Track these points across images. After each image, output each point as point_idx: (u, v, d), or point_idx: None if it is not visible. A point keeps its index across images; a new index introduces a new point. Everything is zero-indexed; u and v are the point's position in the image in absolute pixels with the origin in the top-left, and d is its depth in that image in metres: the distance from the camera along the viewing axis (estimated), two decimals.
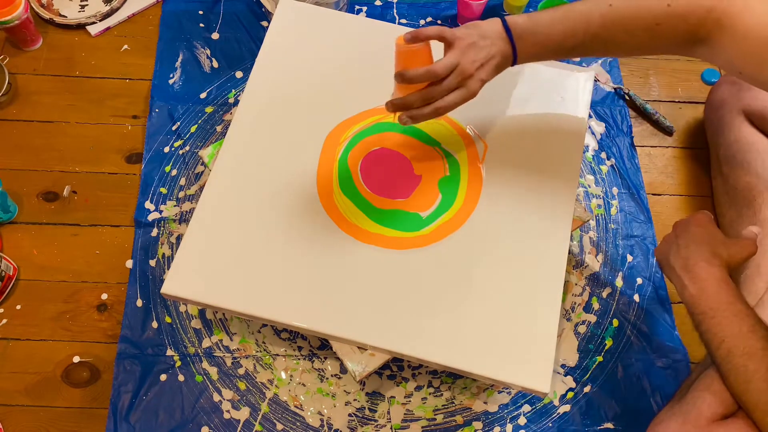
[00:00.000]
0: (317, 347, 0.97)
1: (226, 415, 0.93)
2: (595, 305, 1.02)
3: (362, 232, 0.81)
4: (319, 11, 0.98)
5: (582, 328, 1.00)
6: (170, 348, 0.96)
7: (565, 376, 0.97)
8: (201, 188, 1.07)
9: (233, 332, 0.98)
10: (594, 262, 1.05)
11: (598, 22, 0.70)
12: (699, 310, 0.72)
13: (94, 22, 1.21)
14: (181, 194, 1.08)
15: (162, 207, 1.06)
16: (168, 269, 0.93)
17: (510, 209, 0.83)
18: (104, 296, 1.00)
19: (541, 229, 0.82)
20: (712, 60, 0.71)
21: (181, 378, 0.95)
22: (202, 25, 1.23)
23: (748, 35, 0.64)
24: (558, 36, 0.71)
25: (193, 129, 1.13)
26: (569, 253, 0.88)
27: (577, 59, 1.22)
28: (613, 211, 1.10)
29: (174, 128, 1.12)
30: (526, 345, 0.75)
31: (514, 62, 0.74)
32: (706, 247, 0.74)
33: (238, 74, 1.18)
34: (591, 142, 1.15)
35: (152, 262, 1.02)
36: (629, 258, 1.06)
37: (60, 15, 1.22)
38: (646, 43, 0.71)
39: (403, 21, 1.25)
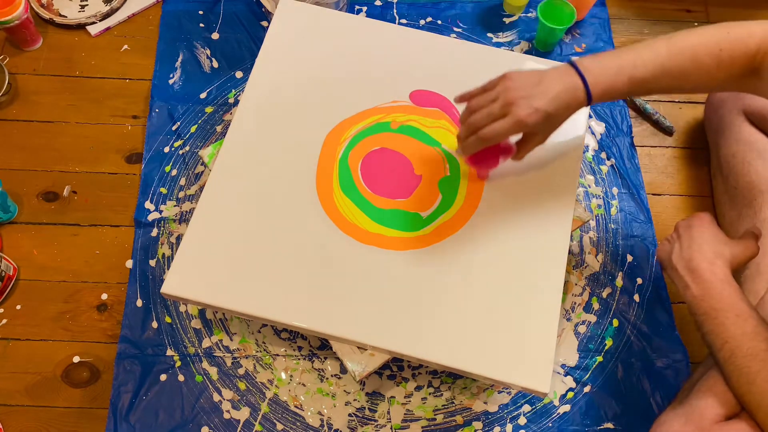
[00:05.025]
0: (317, 347, 0.97)
1: (226, 415, 0.93)
2: (595, 305, 1.02)
3: (362, 232, 0.81)
4: (319, 11, 0.98)
5: (582, 328, 1.00)
6: (170, 348, 0.96)
7: (565, 376, 0.97)
8: (201, 188, 1.07)
9: (233, 332, 0.98)
10: (594, 262, 1.05)
11: (665, 51, 0.69)
12: (702, 310, 0.72)
13: (94, 22, 1.22)
14: (181, 194, 1.08)
15: (162, 207, 1.06)
16: (168, 269, 0.93)
17: (510, 209, 0.83)
18: (104, 296, 1.00)
19: (541, 229, 0.82)
20: (764, 92, 0.71)
21: (181, 378, 0.95)
22: (202, 25, 1.23)
23: None
24: (627, 66, 0.69)
25: (193, 129, 1.13)
26: (569, 253, 0.88)
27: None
28: (613, 211, 1.10)
29: (174, 128, 1.12)
30: (526, 345, 0.75)
31: (588, 98, 0.70)
32: (708, 248, 0.74)
33: (238, 74, 1.18)
34: (591, 142, 1.15)
35: (152, 262, 1.02)
36: (629, 258, 1.06)
37: (60, 15, 1.22)
38: (713, 73, 0.69)
39: (403, 21, 1.25)
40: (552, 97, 0.69)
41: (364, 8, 1.26)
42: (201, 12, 1.24)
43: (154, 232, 1.04)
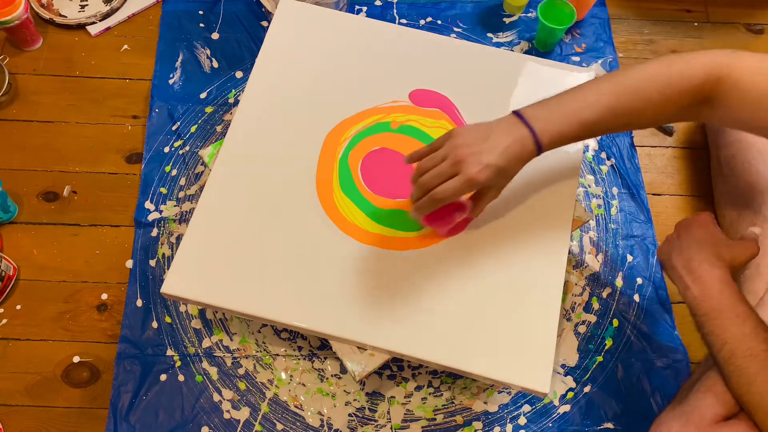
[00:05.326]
0: (317, 347, 0.97)
1: (226, 415, 0.93)
2: (595, 305, 1.02)
3: (362, 232, 0.81)
4: (319, 11, 0.98)
5: (582, 328, 1.01)
6: (170, 348, 0.96)
7: (565, 376, 0.97)
8: (201, 188, 1.07)
9: (233, 332, 0.98)
10: (594, 262, 1.05)
11: (609, 91, 0.69)
12: (701, 311, 0.72)
13: (94, 22, 1.22)
14: (181, 194, 1.08)
15: (162, 207, 1.06)
16: (168, 269, 0.93)
17: (510, 209, 0.83)
18: (104, 296, 1.00)
19: (541, 229, 0.82)
20: (719, 119, 0.71)
21: (181, 378, 0.95)
22: (202, 25, 1.23)
23: (746, 86, 0.65)
24: (574, 111, 0.69)
25: (193, 129, 1.13)
26: (569, 253, 0.88)
27: (577, 59, 1.23)
28: (613, 211, 1.10)
29: (174, 128, 1.12)
30: (526, 345, 0.75)
31: (538, 147, 0.69)
32: (708, 248, 0.74)
33: (238, 74, 1.18)
34: (591, 142, 1.15)
35: (152, 262, 1.02)
36: (629, 258, 1.06)
37: (60, 15, 1.22)
38: (661, 107, 0.69)
39: (403, 21, 1.25)
40: (501, 151, 0.68)
41: (364, 8, 1.26)
42: (201, 12, 1.24)
43: (154, 232, 1.05)
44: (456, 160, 0.68)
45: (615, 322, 1.01)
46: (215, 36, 1.22)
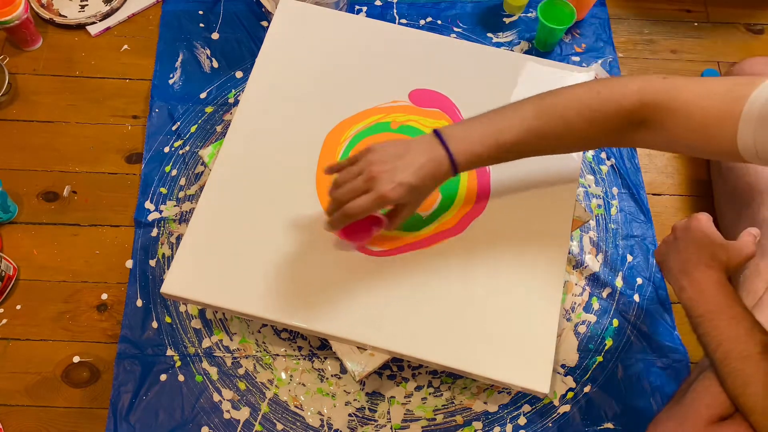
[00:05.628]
0: (317, 347, 0.97)
1: (226, 415, 0.93)
2: (595, 305, 1.02)
3: None
4: (319, 11, 0.98)
5: (582, 328, 1.01)
6: (170, 348, 0.96)
7: (565, 376, 0.97)
8: (201, 188, 1.07)
9: (233, 332, 0.98)
10: (594, 262, 1.05)
11: (532, 114, 0.69)
12: (697, 312, 0.72)
13: (94, 22, 1.22)
14: (181, 194, 1.08)
15: (162, 207, 1.06)
16: (168, 269, 0.93)
17: (510, 209, 0.83)
18: (104, 296, 1.00)
19: (541, 229, 0.82)
20: (652, 143, 0.70)
21: (181, 378, 0.95)
22: (202, 25, 1.23)
23: (690, 110, 0.64)
24: (493, 131, 0.69)
25: (193, 129, 1.13)
26: (569, 253, 0.88)
27: (577, 59, 1.23)
28: (613, 211, 1.10)
29: (174, 128, 1.12)
30: (526, 345, 0.75)
31: (454, 167, 0.69)
32: (705, 250, 0.74)
33: (238, 74, 1.18)
34: None
35: (152, 262, 1.02)
36: (629, 258, 1.06)
37: (60, 15, 1.22)
38: (586, 132, 0.69)
39: (403, 21, 1.25)
40: (415, 169, 0.68)
41: (364, 8, 1.26)
42: (201, 12, 1.24)
43: (154, 232, 1.05)
44: (369, 177, 0.68)
45: (615, 322, 1.01)
46: (215, 36, 1.22)
